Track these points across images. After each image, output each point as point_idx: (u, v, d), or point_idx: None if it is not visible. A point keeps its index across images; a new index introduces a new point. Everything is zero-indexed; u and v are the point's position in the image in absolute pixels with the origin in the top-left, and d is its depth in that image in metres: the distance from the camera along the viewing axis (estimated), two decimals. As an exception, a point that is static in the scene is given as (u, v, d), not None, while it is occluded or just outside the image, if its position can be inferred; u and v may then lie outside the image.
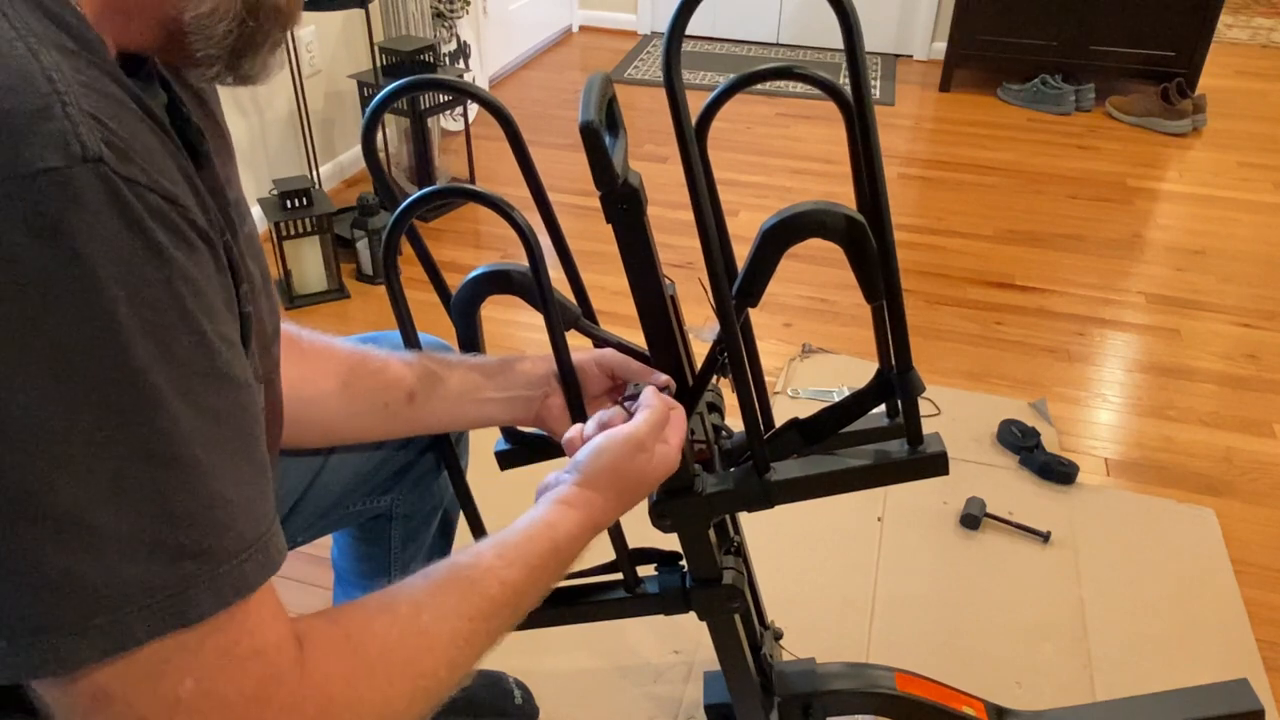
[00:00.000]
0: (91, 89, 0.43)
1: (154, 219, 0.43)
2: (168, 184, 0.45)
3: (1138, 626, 1.44)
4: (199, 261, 0.46)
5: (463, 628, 0.60)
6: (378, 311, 2.24)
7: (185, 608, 0.45)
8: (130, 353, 0.43)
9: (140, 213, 0.43)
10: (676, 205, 2.63)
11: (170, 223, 0.44)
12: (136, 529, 0.44)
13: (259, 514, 0.50)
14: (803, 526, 1.60)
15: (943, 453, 0.82)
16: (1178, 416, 1.92)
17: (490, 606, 0.62)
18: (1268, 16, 4.88)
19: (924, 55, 4.10)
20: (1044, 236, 2.65)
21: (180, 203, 0.45)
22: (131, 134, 0.44)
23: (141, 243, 0.43)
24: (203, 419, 0.46)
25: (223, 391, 0.47)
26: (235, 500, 0.48)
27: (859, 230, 0.73)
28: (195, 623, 0.46)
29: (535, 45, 4.10)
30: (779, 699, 1.07)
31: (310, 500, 0.91)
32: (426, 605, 0.60)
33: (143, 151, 0.44)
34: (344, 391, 0.83)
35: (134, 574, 0.44)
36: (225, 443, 0.47)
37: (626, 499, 0.74)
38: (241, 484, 0.48)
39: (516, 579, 0.65)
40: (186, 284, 0.45)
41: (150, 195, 0.43)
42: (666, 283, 0.85)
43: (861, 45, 0.67)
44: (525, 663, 1.34)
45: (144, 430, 0.44)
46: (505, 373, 0.88)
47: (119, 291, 0.42)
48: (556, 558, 0.68)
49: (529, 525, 0.69)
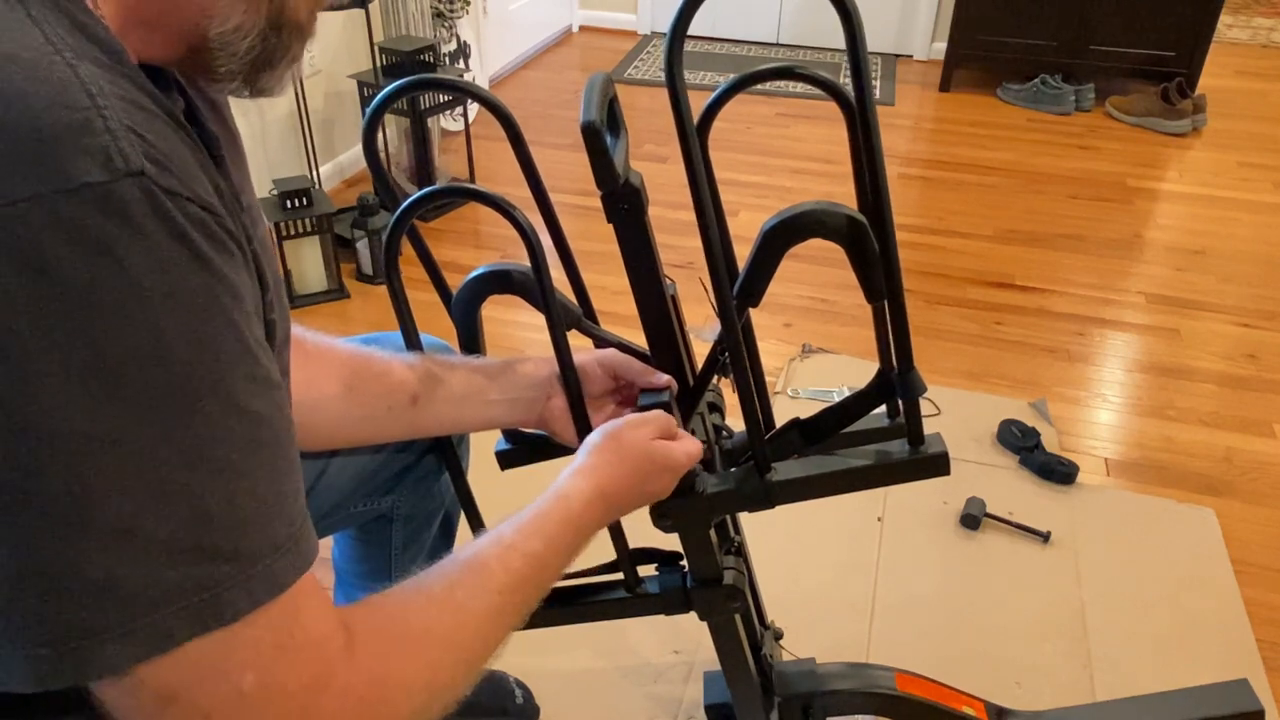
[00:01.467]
0: (127, 102, 0.43)
1: (196, 229, 0.44)
2: (204, 193, 0.45)
3: (1138, 626, 1.44)
4: (236, 268, 0.47)
5: (494, 601, 0.63)
6: (378, 311, 2.24)
7: (221, 608, 0.46)
8: (175, 362, 0.43)
9: (183, 223, 0.43)
10: (677, 205, 2.63)
11: (210, 231, 0.45)
12: (177, 534, 0.44)
13: (291, 513, 0.51)
14: (803, 526, 1.60)
15: (944, 453, 0.82)
16: (1178, 416, 1.92)
17: (516, 580, 0.65)
18: (1268, 16, 4.88)
19: (924, 55, 4.10)
20: (1044, 236, 2.65)
21: (216, 211, 0.46)
22: (168, 145, 0.44)
23: (186, 253, 0.44)
24: (243, 423, 0.47)
25: (261, 394, 0.48)
26: (270, 501, 0.49)
27: (860, 230, 0.73)
28: (231, 621, 0.47)
29: (535, 45, 4.10)
30: (779, 699, 1.07)
31: (312, 502, 0.91)
32: (459, 584, 0.62)
33: (179, 162, 0.45)
34: (347, 395, 0.83)
35: (173, 577, 0.45)
36: (263, 445, 0.48)
37: (631, 466, 0.76)
38: (276, 484, 0.49)
39: (537, 550, 0.67)
40: (228, 291, 0.46)
41: (190, 206, 0.44)
42: (667, 283, 0.85)
43: (863, 44, 0.67)
44: (526, 662, 1.34)
45: (187, 438, 0.44)
46: (507, 375, 0.88)
47: (164, 302, 0.43)
48: (573, 527, 0.71)
49: (543, 500, 0.71)
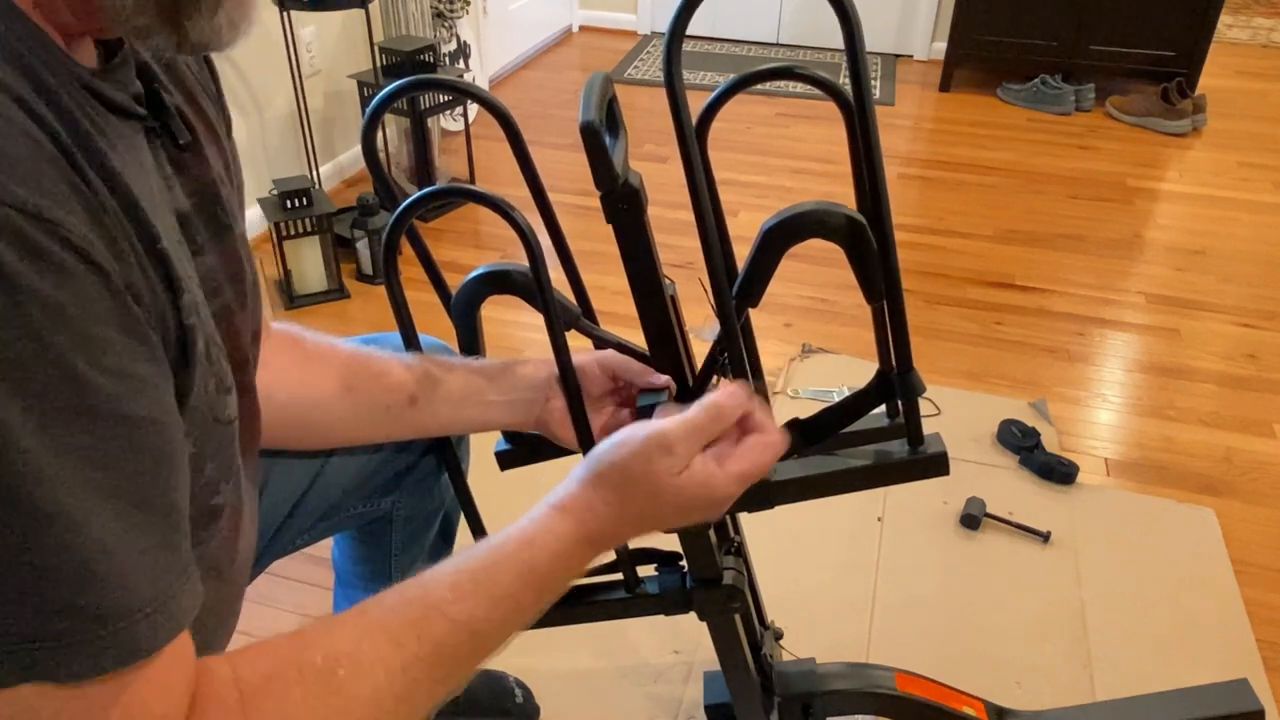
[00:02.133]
0: None
1: (4, 240, 0.37)
2: (32, 196, 0.39)
3: (1138, 626, 1.44)
4: (72, 286, 0.40)
5: (393, 681, 0.51)
6: (378, 311, 2.24)
7: (55, 665, 0.40)
8: None
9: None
10: (676, 205, 2.63)
11: (28, 243, 0.38)
12: (14, 582, 0.39)
13: (158, 568, 0.44)
14: (803, 526, 1.60)
15: (943, 453, 0.82)
16: (1178, 416, 1.92)
17: (433, 651, 0.53)
18: (1268, 16, 4.88)
19: (924, 55, 4.10)
20: (1044, 236, 2.65)
21: (47, 217, 0.39)
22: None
23: None
24: (70, 463, 0.40)
25: (100, 431, 0.41)
26: (119, 553, 0.42)
27: (859, 230, 0.73)
28: (65, 682, 0.41)
29: (535, 45, 4.10)
30: (779, 699, 1.07)
31: (310, 502, 0.91)
32: (345, 656, 0.51)
33: (4, 161, 0.38)
34: (346, 395, 0.83)
35: (13, 625, 0.39)
36: (104, 489, 0.41)
37: (636, 511, 0.62)
38: (131, 534, 0.43)
39: (471, 614, 0.55)
40: (45, 312, 0.39)
41: (3, 209, 0.37)
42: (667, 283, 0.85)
43: (862, 45, 0.67)
44: (525, 662, 1.34)
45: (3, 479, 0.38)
46: (506, 376, 0.88)
47: None
48: (534, 580, 0.58)
49: (501, 543, 0.59)
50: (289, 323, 0.84)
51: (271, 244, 2.21)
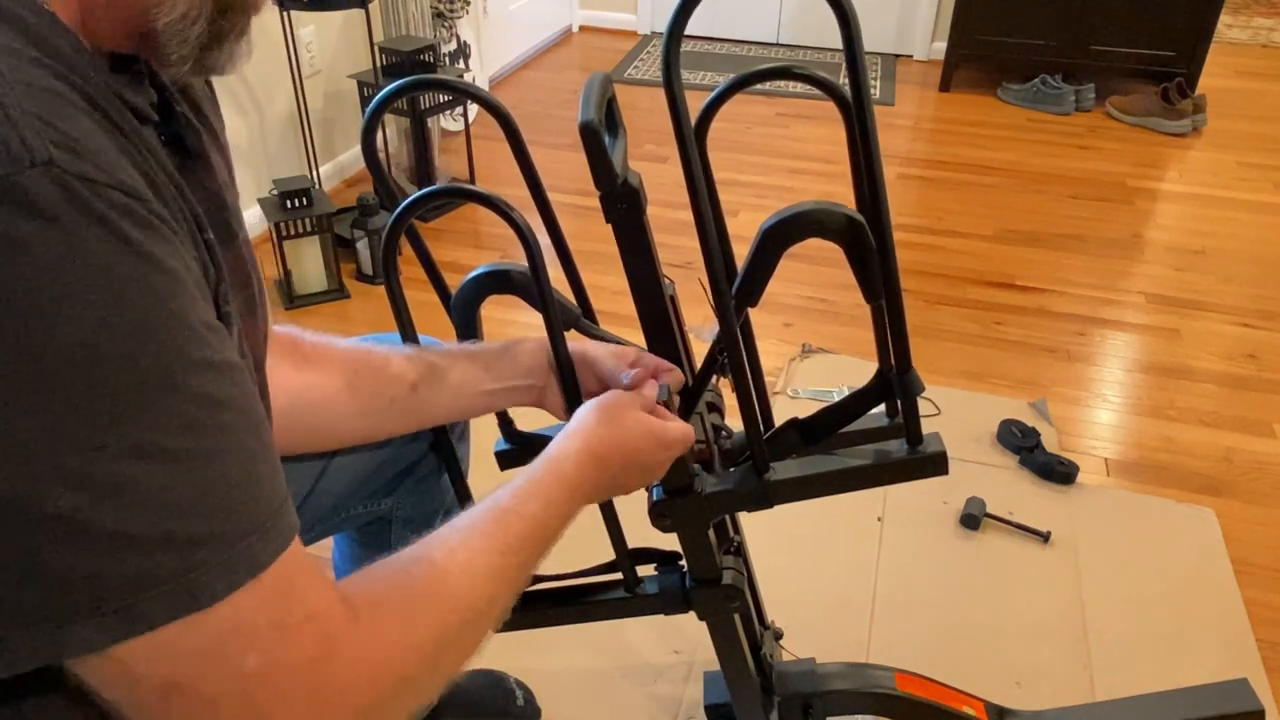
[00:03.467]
0: (35, 87, 0.41)
1: (120, 215, 0.42)
2: (129, 180, 0.43)
3: (1138, 626, 1.44)
4: (173, 252, 0.45)
5: (496, 562, 0.63)
6: (378, 311, 2.24)
7: (196, 592, 0.45)
8: (112, 355, 0.42)
9: (103, 210, 0.41)
10: (676, 205, 2.63)
11: (138, 216, 0.43)
12: (136, 527, 0.43)
13: (266, 492, 0.49)
14: (803, 526, 1.60)
15: (942, 452, 0.82)
16: (1178, 416, 1.92)
17: (516, 541, 0.66)
18: (1268, 16, 4.88)
19: (924, 55, 4.10)
20: (1044, 236, 2.65)
21: (142, 195, 0.44)
22: (82, 132, 0.42)
23: (110, 240, 0.42)
24: (197, 406, 0.45)
25: (215, 377, 0.47)
26: (238, 483, 0.47)
27: (858, 230, 0.73)
28: (210, 604, 0.46)
29: (535, 45, 4.10)
30: (779, 699, 1.07)
31: (311, 504, 0.91)
32: (459, 546, 0.63)
33: (96, 149, 0.43)
34: (349, 391, 0.83)
35: (138, 564, 0.44)
36: (224, 427, 0.47)
37: (629, 440, 0.77)
38: (245, 466, 0.48)
39: (535, 512, 0.68)
40: (163, 275, 0.44)
41: (111, 192, 0.42)
42: (666, 282, 0.85)
43: (860, 45, 0.67)
44: (526, 663, 1.34)
45: (134, 430, 0.43)
46: (505, 362, 0.88)
47: (89, 294, 0.41)
48: (567, 487, 0.72)
49: (536, 465, 0.72)
50: (287, 325, 0.84)
51: (271, 244, 2.21)
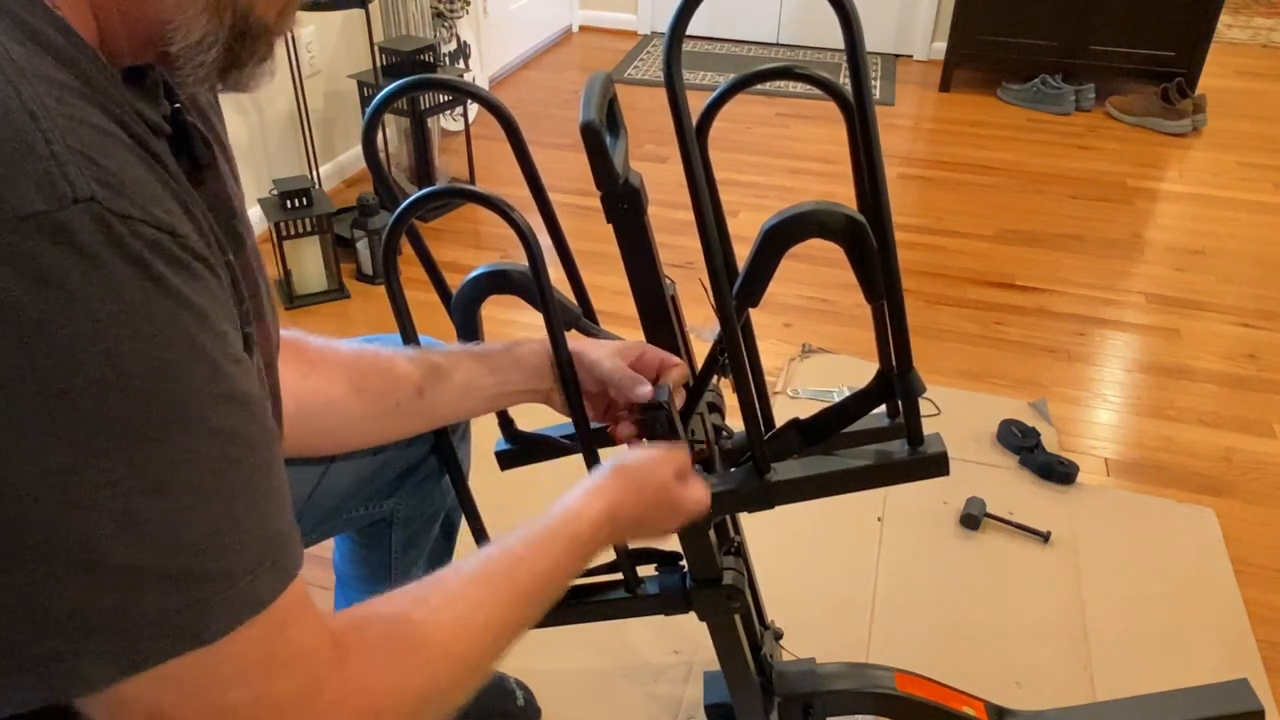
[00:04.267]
0: (77, 121, 0.42)
1: (154, 253, 0.43)
2: (163, 214, 0.44)
3: (1138, 626, 1.44)
4: (202, 288, 0.46)
5: (495, 617, 0.63)
6: (378, 311, 2.24)
7: (199, 629, 0.46)
8: (137, 391, 0.42)
9: (139, 249, 0.42)
10: (677, 205, 2.63)
11: (171, 255, 0.44)
12: (147, 561, 0.44)
13: (272, 529, 0.50)
14: (803, 526, 1.60)
15: (943, 453, 0.82)
16: (1178, 416, 1.92)
17: (522, 596, 0.65)
18: (1268, 16, 4.88)
19: (924, 55, 4.10)
20: (1044, 236, 2.65)
21: (178, 232, 0.45)
22: (122, 166, 0.43)
23: (143, 279, 0.42)
24: (215, 444, 0.46)
25: (235, 412, 0.47)
26: (247, 519, 0.48)
27: (859, 230, 0.73)
28: (212, 641, 0.46)
29: (535, 45, 4.10)
30: (779, 699, 1.07)
31: (312, 506, 0.91)
32: (460, 596, 0.62)
33: (135, 184, 0.43)
34: (354, 395, 0.83)
35: (146, 602, 0.44)
36: (237, 464, 0.47)
37: (651, 509, 0.76)
38: (254, 501, 0.49)
39: (544, 568, 0.67)
40: (192, 312, 0.45)
41: (147, 229, 0.43)
42: (667, 282, 0.85)
43: (862, 45, 0.67)
44: (526, 663, 1.33)
45: (153, 466, 0.43)
46: (509, 365, 0.88)
47: (120, 331, 0.41)
48: (579, 546, 0.71)
49: (553, 515, 0.71)
50: (292, 328, 0.83)
51: (271, 244, 2.21)
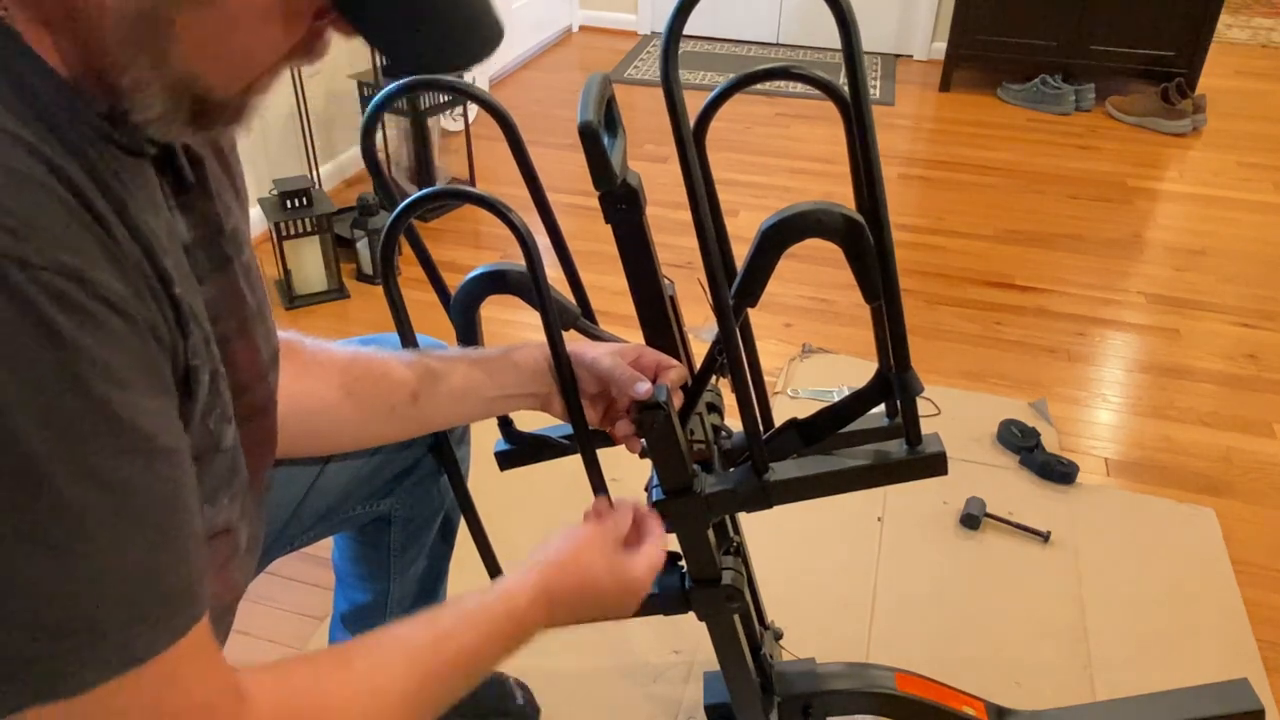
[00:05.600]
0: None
1: (51, 301, 0.42)
2: (69, 258, 0.43)
3: (1138, 626, 1.44)
4: (106, 337, 0.45)
5: (413, 688, 0.61)
6: (378, 311, 2.24)
7: (58, 682, 0.45)
8: (15, 442, 0.42)
9: (32, 295, 0.41)
10: (676, 205, 2.62)
11: (70, 302, 0.43)
12: (8, 613, 0.43)
13: (164, 583, 0.49)
14: (803, 526, 1.60)
15: (941, 452, 0.82)
16: (1178, 416, 1.92)
17: (445, 669, 0.64)
18: (1268, 16, 4.88)
19: (924, 55, 4.10)
20: (1044, 236, 2.65)
21: (85, 277, 0.44)
22: (34, 210, 0.42)
23: (33, 327, 0.41)
24: (104, 496, 0.45)
25: (133, 463, 0.46)
26: (131, 575, 0.47)
27: (857, 230, 0.73)
28: (73, 694, 0.45)
29: (535, 45, 4.10)
30: (779, 699, 1.07)
31: (309, 503, 0.91)
32: (381, 665, 0.60)
33: (44, 229, 0.42)
34: (348, 400, 0.83)
35: (9, 649, 0.44)
36: (130, 515, 0.46)
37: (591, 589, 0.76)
38: (146, 554, 0.47)
39: (471, 644, 0.66)
40: (88, 362, 0.44)
41: (46, 275, 0.42)
42: (666, 283, 0.85)
43: (859, 44, 0.67)
44: (525, 663, 1.33)
45: (28, 517, 0.43)
46: (507, 370, 0.87)
47: (3, 381, 0.41)
48: (513, 623, 0.70)
49: (489, 591, 0.71)
50: (288, 329, 0.83)
51: (271, 244, 2.21)
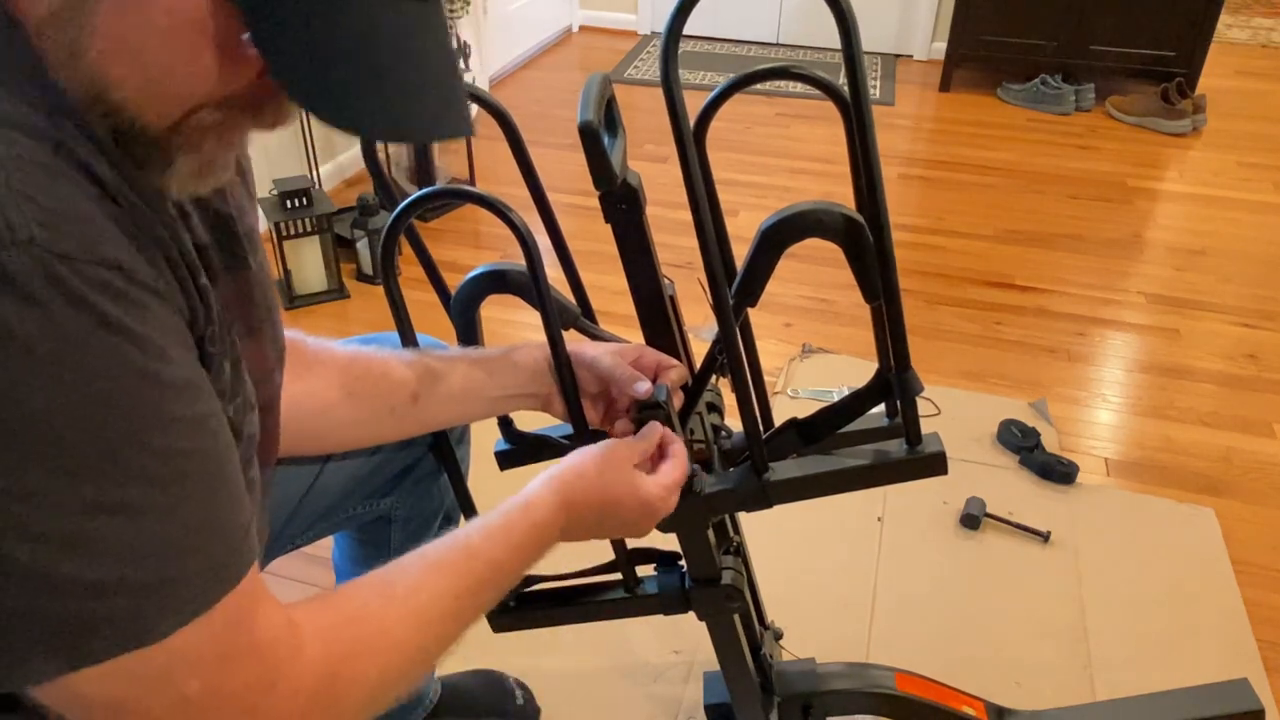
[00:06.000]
0: (26, 161, 0.43)
1: (97, 291, 0.44)
2: (109, 250, 0.45)
3: (1138, 626, 1.44)
4: (150, 318, 0.47)
5: (452, 605, 0.64)
6: (378, 311, 2.24)
7: (143, 631, 0.47)
8: (82, 421, 0.43)
9: (79, 288, 0.43)
10: (676, 205, 2.62)
11: (114, 290, 0.45)
12: (92, 573, 0.45)
13: (224, 532, 0.51)
14: (803, 526, 1.60)
15: (941, 452, 0.82)
16: (1178, 416, 1.92)
17: (477, 584, 0.67)
18: (1268, 16, 4.88)
19: (924, 55, 4.10)
20: (1044, 236, 2.65)
21: (123, 266, 0.45)
22: (66, 204, 0.44)
23: (85, 317, 0.43)
24: (160, 462, 0.47)
25: (182, 431, 0.48)
26: (196, 528, 0.49)
27: (856, 230, 0.73)
28: (154, 642, 0.47)
29: (535, 45, 4.10)
30: (779, 699, 1.07)
31: (309, 502, 0.91)
32: (419, 586, 0.63)
33: (79, 222, 0.44)
34: (348, 400, 0.83)
35: (91, 608, 0.45)
36: (190, 477, 0.49)
37: (608, 495, 0.77)
38: (208, 511, 0.50)
39: (499, 557, 0.69)
40: (136, 344, 0.46)
41: (90, 268, 0.43)
42: (666, 282, 0.85)
43: (858, 44, 0.67)
44: (525, 663, 1.34)
45: (104, 488, 0.45)
46: (507, 370, 0.88)
47: (61, 368, 0.42)
48: (536, 534, 0.72)
49: (510, 505, 0.73)
50: (290, 329, 0.83)
51: (271, 244, 2.21)
